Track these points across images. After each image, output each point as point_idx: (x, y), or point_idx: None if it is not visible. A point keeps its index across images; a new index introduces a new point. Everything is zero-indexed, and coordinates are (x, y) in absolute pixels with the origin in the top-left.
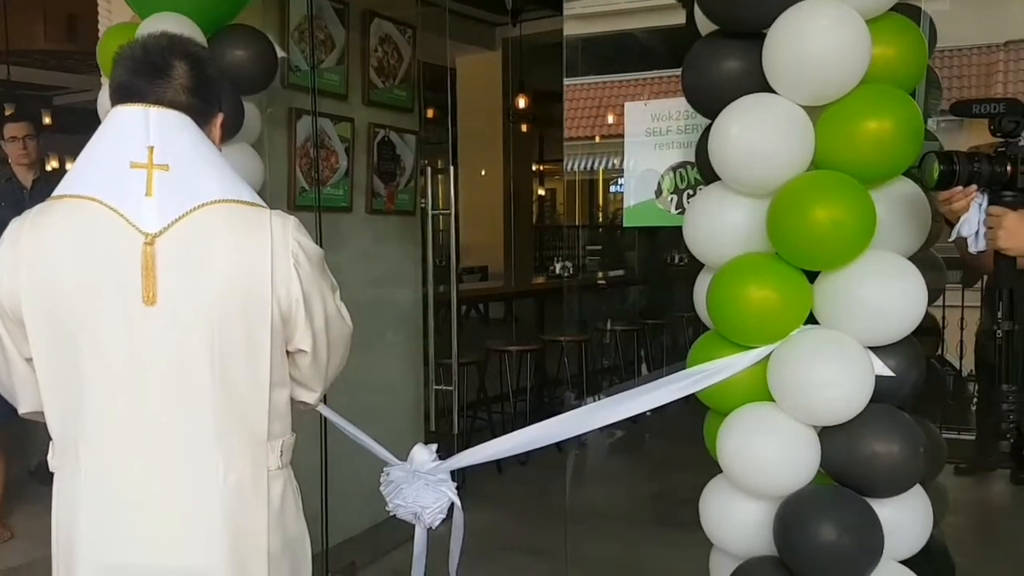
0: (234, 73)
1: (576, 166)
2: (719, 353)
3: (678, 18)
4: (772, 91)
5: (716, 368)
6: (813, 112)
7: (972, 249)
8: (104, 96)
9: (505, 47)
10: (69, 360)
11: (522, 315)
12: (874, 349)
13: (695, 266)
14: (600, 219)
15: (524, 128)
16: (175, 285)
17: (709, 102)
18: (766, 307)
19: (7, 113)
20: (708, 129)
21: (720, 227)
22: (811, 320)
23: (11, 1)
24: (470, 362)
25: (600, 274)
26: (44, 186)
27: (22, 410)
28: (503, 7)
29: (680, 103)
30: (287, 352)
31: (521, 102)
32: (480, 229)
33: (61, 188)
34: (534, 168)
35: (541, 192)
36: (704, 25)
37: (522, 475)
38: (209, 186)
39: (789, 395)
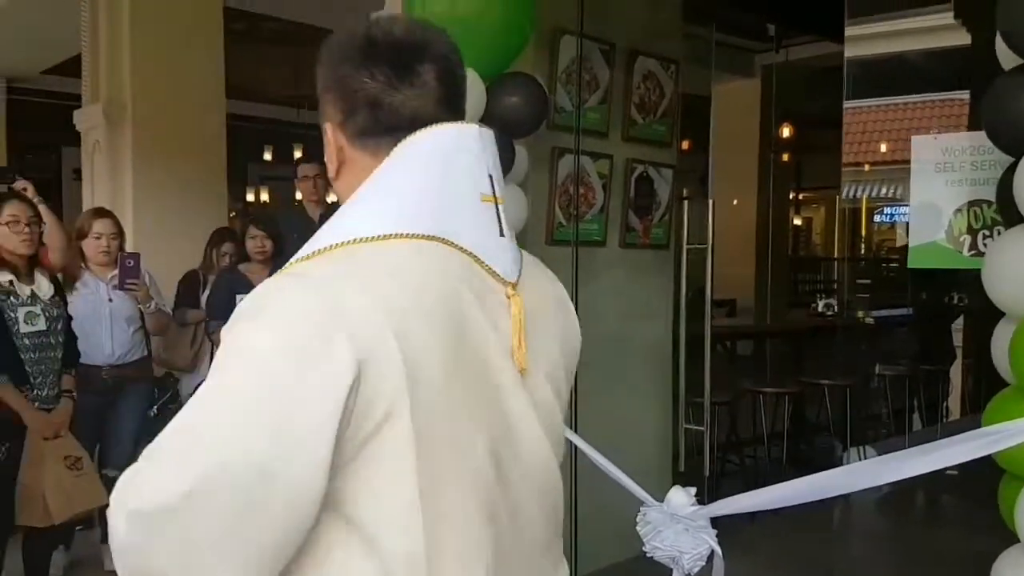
0: (508, 118)
1: (851, 193)
2: (1021, 411)
3: (958, 38)
4: None
5: (1018, 428)
6: None
7: None
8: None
9: (765, 74)
10: (448, 457)
11: (776, 353)
12: None
13: (977, 308)
14: (863, 251)
15: (785, 157)
16: (536, 346)
17: (1013, 140)
18: None
19: (297, 154)
20: (1012, 167)
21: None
22: None
23: (300, 50)
24: (722, 402)
25: (862, 313)
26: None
27: None
28: (765, 34)
29: (973, 137)
30: None
31: (785, 131)
32: (730, 260)
33: (361, 230)
34: (790, 196)
35: (797, 222)
36: (1007, 59)
37: (776, 526)
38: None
39: None
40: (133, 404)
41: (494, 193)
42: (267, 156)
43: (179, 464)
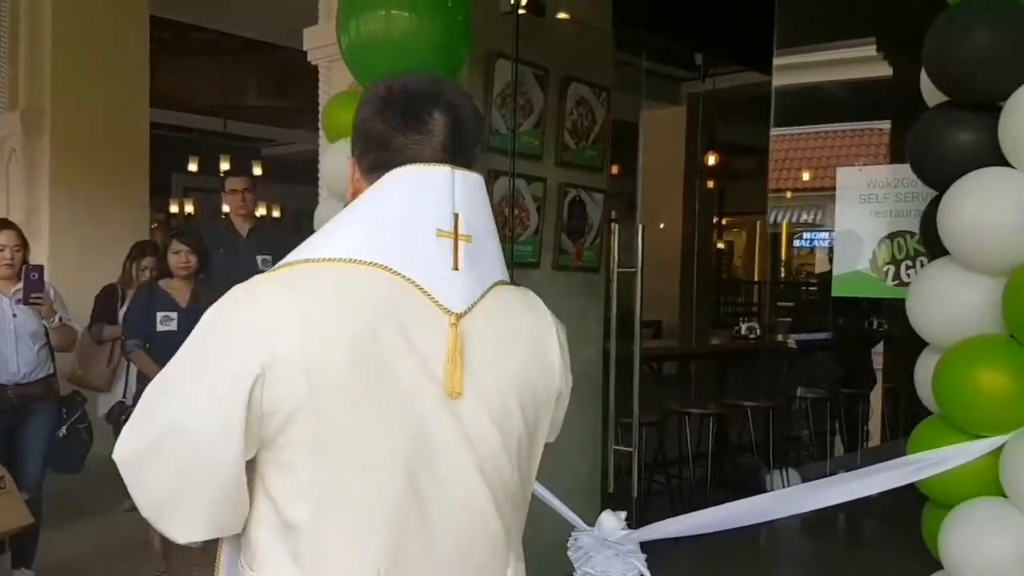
0: None
1: (776, 219)
2: (944, 440)
3: (880, 71)
4: (1007, 165)
5: (941, 457)
6: None
7: None
8: (331, 156)
9: (691, 102)
10: (356, 463)
11: (701, 375)
12: None
13: (896, 334)
14: (784, 275)
15: (710, 183)
16: (480, 374)
17: (937, 174)
18: (1001, 394)
19: (224, 166)
20: (935, 200)
21: (949, 305)
22: None
23: (228, 60)
24: (649, 423)
25: (783, 336)
26: (258, 235)
27: (191, 537)
28: (692, 63)
29: (896, 169)
30: None
31: (710, 158)
32: (656, 283)
33: (327, 249)
34: (714, 221)
35: (721, 246)
36: (931, 95)
37: (702, 546)
38: (496, 263)
39: None
40: (40, 424)
41: (456, 230)
42: (192, 167)
43: (136, 426)
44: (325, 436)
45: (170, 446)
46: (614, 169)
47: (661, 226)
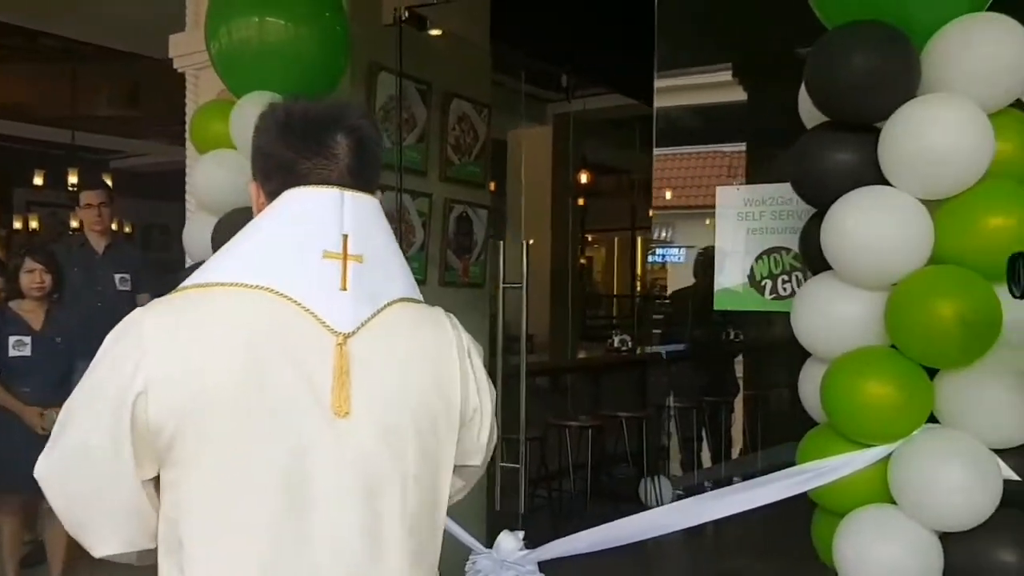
0: None
1: (658, 234)
2: (833, 449)
3: (736, 95)
4: (885, 183)
5: (832, 466)
6: (927, 206)
7: None
8: (201, 169)
9: (558, 122)
10: (233, 481)
11: (577, 388)
12: (997, 451)
13: (752, 344)
14: (653, 289)
15: (581, 201)
16: (371, 394)
17: (818, 192)
18: (887, 404)
19: (72, 179)
20: (814, 218)
21: (832, 318)
22: (930, 419)
23: (79, 68)
24: (533, 437)
25: (652, 348)
26: (115, 252)
27: (105, 551)
28: (559, 85)
29: (775, 188)
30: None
31: (576, 176)
32: (529, 297)
33: (218, 274)
34: (581, 237)
35: (588, 261)
36: (809, 117)
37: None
38: (396, 282)
39: (913, 499)
40: None
41: (345, 251)
42: (37, 181)
43: (51, 445)
44: (205, 455)
45: (76, 464)
46: (491, 186)
47: (531, 242)
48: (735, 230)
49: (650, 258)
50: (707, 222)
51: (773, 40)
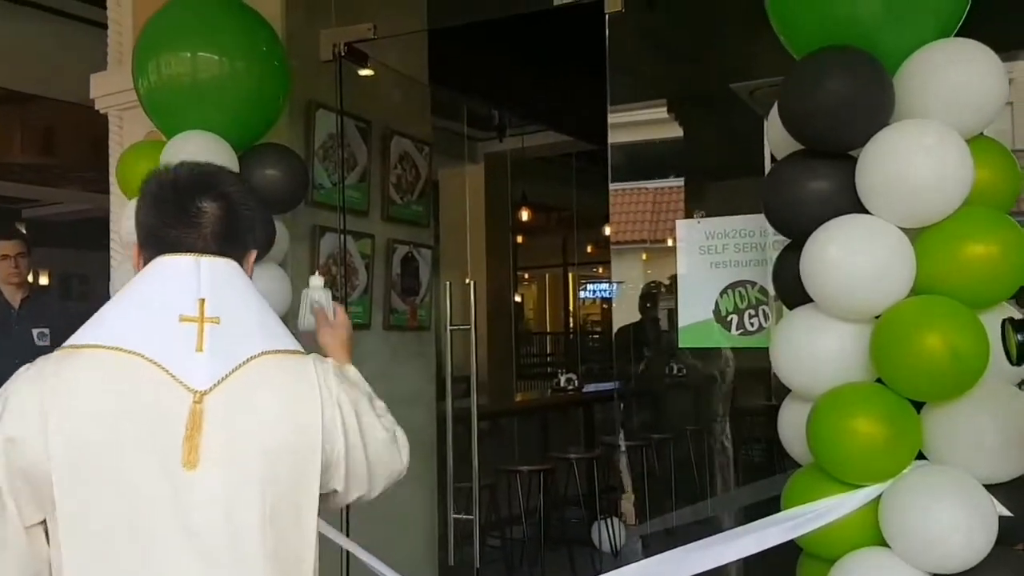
0: (266, 192)
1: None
2: (821, 491)
3: (671, 131)
4: (863, 212)
5: (822, 509)
6: (907, 234)
7: None
8: (126, 223)
9: (491, 161)
10: (103, 527)
11: (524, 430)
12: (987, 487)
13: (695, 379)
14: (571, 325)
15: (512, 239)
16: (224, 446)
17: (794, 222)
18: (878, 442)
19: None
20: (788, 249)
21: (815, 353)
22: (918, 455)
23: None
24: (485, 485)
25: (597, 386)
26: (32, 305)
27: None
28: (491, 124)
29: (734, 221)
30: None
31: (512, 214)
32: (465, 338)
33: (88, 336)
34: (517, 276)
35: (517, 299)
36: (779, 146)
37: None
38: (255, 338)
39: (907, 541)
40: None
41: (201, 314)
42: None
43: None
44: (61, 506)
45: None
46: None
47: (467, 282)
48: (698, 265)
49: (582, 294)
50: (643, 256)
51: (708, 76)
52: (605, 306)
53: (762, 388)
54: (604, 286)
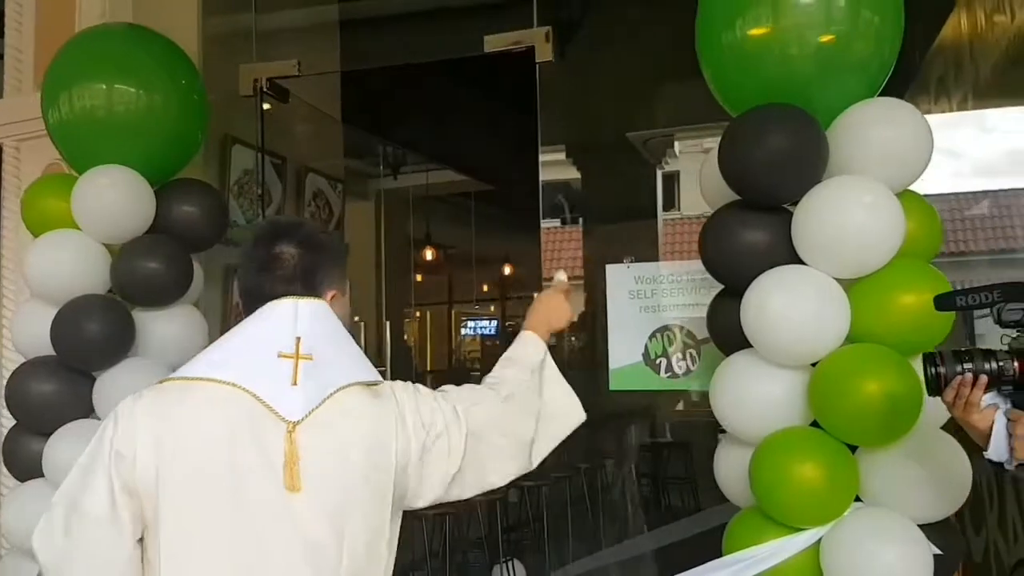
0: (184, 230)
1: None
2: (763, 534)
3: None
4: (799, 263)
5: (765, 553)
6: (841, 284)
7: (1008, 467)
8: (38, 255)
9: (378, 198)
10: (206, 545)
11: None
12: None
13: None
14: (452, 363)
15: (419, 277)
16: (317, 472)
17: (731, 270)
18: (820, 485)
19: None
20: (723, 296)
21: (755, 398)
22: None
23: None
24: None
25: None
26: None
27: None
28: (385, 161)
29: (666, 266)
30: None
31: (428, 253)
32: None
33: (198, 370)
34: (407, 313)
35: (409, 336)
36: (714, 196)
37: None
38: (343, 370)
39: None
40: None
41: (297, 352)
42: None
43: (49, 514)
44: (166, 524)
45: (76, 525)
46: None
47: (357, 319)
48: (626, 309)
49: (463, 331)
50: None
51: (607, 125)
52: (488, 343)
53: (647, 426)
54: (480, 323)
